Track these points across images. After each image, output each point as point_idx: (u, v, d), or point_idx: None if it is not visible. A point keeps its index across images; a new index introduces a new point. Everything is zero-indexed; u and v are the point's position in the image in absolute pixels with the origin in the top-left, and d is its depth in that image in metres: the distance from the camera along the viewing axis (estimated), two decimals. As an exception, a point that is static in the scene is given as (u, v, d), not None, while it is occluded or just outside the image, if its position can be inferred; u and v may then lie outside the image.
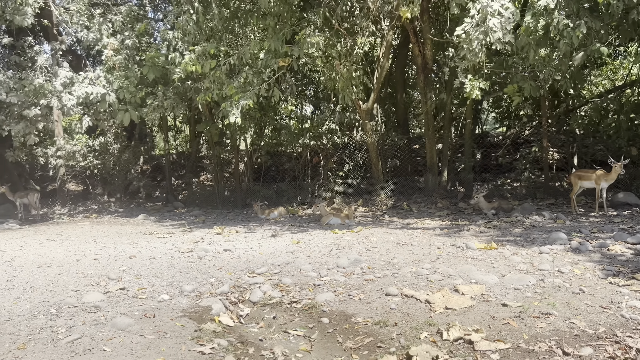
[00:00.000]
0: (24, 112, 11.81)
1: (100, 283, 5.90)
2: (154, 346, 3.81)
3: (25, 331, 4.25)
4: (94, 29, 12.27)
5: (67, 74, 11.92)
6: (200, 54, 9.54)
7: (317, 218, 12.08)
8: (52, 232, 10.92)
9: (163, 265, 6.88)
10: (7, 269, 6.80)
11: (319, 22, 9.73)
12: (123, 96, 11.99)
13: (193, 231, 10.34)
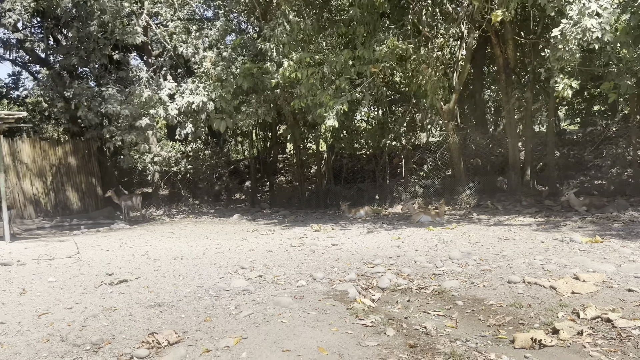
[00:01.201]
0: (136, 123, 13.07)
1: (237, 272, 6.65)
2: (322, 319, 4.43)
3: (200, 309, 5.00)
4: (191, 44, 13.37)
5: (171, 85, 13.08)
6: (297, 62, 10.26)
7: (403, 216, 12.53)
8: (163, 230, 12.00)
9: (282, 257, 7.58)
10: (147, 261, 7.73)
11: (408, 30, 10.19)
12: (220, 105, 12.97)
13: (290, 229, 11.07)
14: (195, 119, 13.47)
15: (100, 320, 4.74)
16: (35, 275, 6.90)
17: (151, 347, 3.86)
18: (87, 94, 13.33)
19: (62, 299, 5.57)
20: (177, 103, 12.80)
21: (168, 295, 5.53)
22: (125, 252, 8.60)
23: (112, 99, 13.00)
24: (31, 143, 16.41)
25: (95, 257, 8.16)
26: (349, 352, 3.68)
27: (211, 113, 13.18)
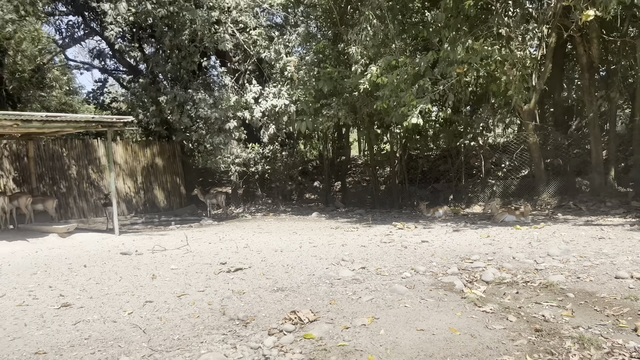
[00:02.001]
0: (225, 125, 13.93)
1: (340, 263, 7.10)
2: (442, 306, 4.77)
3: (320, 293, 5.47)
4: (272, 49, 14.07)
5: (256, 89, 13.83)
6: (384, 66, 10.63)
7: (483, 216, 12.59)
8: (251, 226, 12.71)
9: (376, 252, 7.96)
10: (251, 253, 8.34)
11: (494, 31, 10.31)
12: (301, 107, 13.56)
13: (372, 227, 11.44)
14: (277, 121, 14.13)
15: (235, 301, 5.31)
16: (156, 263, 7.66)
17: (295, 323, 4.35)
18: (179, 99, 14.32)
19: (192, 283, 6.22)
20: (261, 106, 13.51)
21: (285, 282, 6.05)
22: (227, 245, 9.28)
23: (202, 103, 13.93)
24: (124, 145, 17.77)
25: (202, 249, 8.88)
26: (479, 333, 4.00)
27: (292, 115, 13.80)
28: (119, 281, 6.48)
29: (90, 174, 16.65)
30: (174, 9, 13.05)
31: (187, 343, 4.12)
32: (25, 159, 15.00)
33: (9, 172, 14.79)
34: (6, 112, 9.11)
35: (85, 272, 7.11)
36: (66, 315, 5.02)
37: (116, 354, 3.93)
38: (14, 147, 14.87)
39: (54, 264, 7.85)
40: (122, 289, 6.02)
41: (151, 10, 13.03)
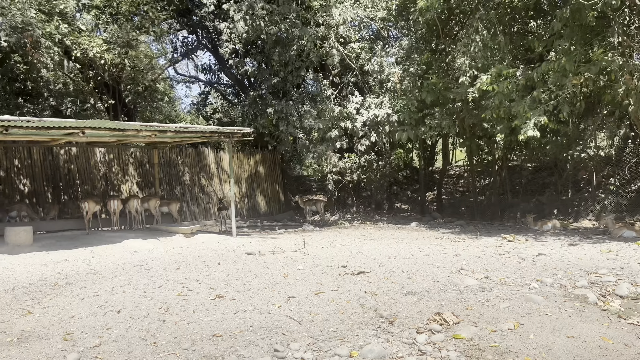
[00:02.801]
0: (327, 135, 14.57)
1: (460, 272, 7.25)
2: (584, 316, 4.83)
3: (451, 299, 5.68)
4: (375, 61, 14.50)
5: (357, 100, 14.32)
6: (495, 75, 10.63)
7: (596, 230, 12.09)
8: (353, 233, 13.11)
9: (493, 262, 8.00)
10: (365, 258, 8.69)
11: (615, 41, 9.97)
12: (402, 117, 13.82)
13: (479, 238, 11.38)
14: (378, 131, 14.50)
15: (370, 301, 5.67)
16: (281, 263, 8.25)
17: (441, 324, 4.62)
18: (285, 111, 15.15)
19: (322, 282, 6.69)
20: (363, 116, 13.94)
21: (412, 287, 6.33)
22: (339, 250, 9.72)
23: (307, 115, 14.64)
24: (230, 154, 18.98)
25: (317, 253, 9.39)
26: (632, 343, 4.04)
27: (393, 125, 14.09)
28: (255, 278, 7.09)
29: (201, 180, 17.96)
30: (285, 26, 13.86)
31: (343, 335, 4.54)
32: (147, 165, 16.56)
33: (134, 177, 16.39)
34: (147, 124, 10.25)
35: (221, 269, 7.83)
36: (223, 305, 5.64)
37: (283, 340, 4.43)
38: (137, 155, 16.46)
39: (191, 260, 8.70)
40: (261, 285, 6.61)
41: (264, 28, 13.95)
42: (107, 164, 15.86)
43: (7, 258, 8.84)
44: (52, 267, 8.27)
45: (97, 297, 6.17)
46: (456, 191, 22.70)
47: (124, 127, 9.94)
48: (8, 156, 13.72)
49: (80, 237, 11.22)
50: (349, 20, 13.65)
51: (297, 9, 13.87)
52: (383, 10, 15.34)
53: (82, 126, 9.31)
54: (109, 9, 13.66)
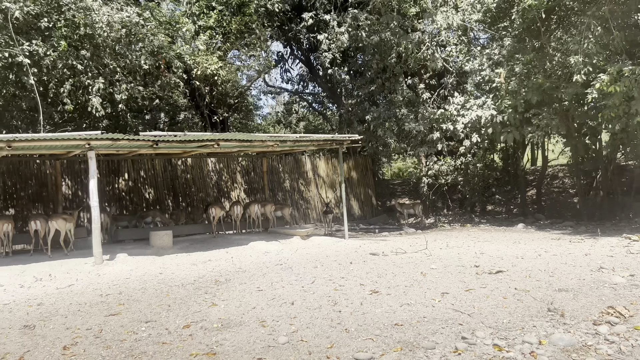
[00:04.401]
0: (427, 137, 14.84)
1: (601, 270, 7.28)
2: None
3: (608, 295, 5.79)
4: (476, 62, 14.57)
5: (459, 101, 14.45)
6: (615, 73, 10.43)
7: None
8: (461, 235, 13.21)
9: (629, 261, 7.92)
10: (492, 258, 8.86)
11: None
12: (507, 118, 13.77)
13: (600, 238, 11.12)
14: (480, 132, 14.51)
15: (525, 296, 5.91)
16: (411, 263, 8.61)
17: (617, 316, 4.79)
18: (383, 116, 15.57)
19: (465, 280, 6.99)
20: (465, 118, 14.04)
21: (560, 284, 6.48)
22: (460, 251, 9.94)
23: (407, 118, 14.99)
24: (325, 160, 19.66)
25: (439, 253, 9.66)
26: None
27: (497, 126, 14.06)
28: (394, 276, 7.51)
29: (300, 186, 18.76)
30: (386, 35, 14.30)
31: (519, 325, 4.83)
32: (252, 173, 17.58)
33: (241, 184, 17.46)
34: (271, 135, 11.06)
35: (357, 268, 8.33)
36: (384, 299, 6.10)
37: (464, 329, 4.79)
38: (243, 163, 17.52)
39: (322, 260, 9.28)
40: (405, 282, 7.02)
41: (364, 38, 14.47)
42: (218, 172, 17.03)
43: (157, 259, 9.86)
44: (201, 266, 9.15)
45: (262, 291, 6.86)
46: (551, 192, 22.02)
47: (251, 138, 10.78)
48: (135, 168, 15.15)
49: (208, 240, 12.21)
50: (454, 25, 13.83)
51: (398, 17, 14.26)
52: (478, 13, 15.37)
53: (217, 139, 10.22)
54: (220, 29, 14.75)
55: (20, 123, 12.18)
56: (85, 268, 8.97)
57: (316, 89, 24.48)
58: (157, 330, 5.33)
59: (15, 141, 8.33)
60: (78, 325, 5.67)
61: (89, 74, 10.98)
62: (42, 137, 8.67)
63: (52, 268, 8.91)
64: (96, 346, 4.92)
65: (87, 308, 6.43)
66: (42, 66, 10.67)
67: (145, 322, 5.66)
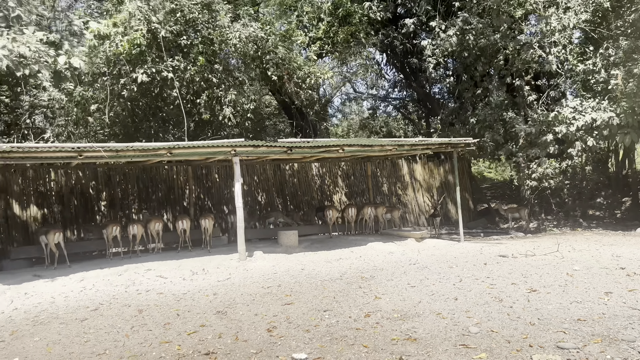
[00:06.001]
0: (538, 140, 14.68)
1: None
2: None
3: None
4: (590, 63, 14.22)
5: (573, 104, 14.16)
6: None
7: None
8: (580, 239, 12.88)
9: None
10: (633, 261, 8.70)
11: None
12: (624, 120, 13.33)
13: None
14: (593, 135, 14.12)
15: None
16: (550, 265, 8.64)
17: None
18: (489, 120, 15.53)
19: (619, 281, 6.98)
20: (579, 120, 13.73)
21: None
22: (592, 254, 9.79)
23: (515, 121, 14.89)
24: (422, 164, 19.81)
25: (572, 256, 9.58)
26: None
27: (614, 128, 13.63)
28: (540, 276, 7.63)
29: (397, 189, 19.04)
30: (495, 38, 14.32)
31: None
32: (352, 177, 18.10)
33: (342, 188, 18.02)
34: (390, 139, 11.45)
35: (493, 268, 8.50)
36: (546, 297, 6.27)
37: (654, 325, 4.90)
38: (344, 168, 18.08)
39: (452, 261, 9.52)
40: (555, 282, 7.13)
41: (472, 42, 14.57)
42: (321, 177, 17.70)
43: (290, 256, 10.53)
44: (336, 264, 9.69)
45: (415, 287, 7.24)
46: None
47: (372, 143, 11.26)
48: (249, 173, 16.11)
49: (326, 240, 12.79)
50: (570, 27, 13.61)
51: (509, 19, 14.24)
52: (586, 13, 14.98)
53: (341, 144, 10.78)
54: (327, 39, 15.41)
55: (155, 132, 13.39)
56: (231, 264, 9.79)
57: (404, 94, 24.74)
58: (340, 318, 5.84)
59: (175, 148, 9.30)
60: (262, 312, 6.32)
61: (222, 86, 11.90)
62: (195, 145, 9.62)
63: (203, 263, 9.81)
64: (294, 329, 5.50)
65: (259, 298, 7.11)
66: (182, 80, 11.72)
67: (323, 310, 6.20)
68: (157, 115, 13.06)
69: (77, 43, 9.73)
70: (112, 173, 13.82)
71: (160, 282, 8.62)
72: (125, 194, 14.07)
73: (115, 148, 8.86)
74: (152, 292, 7.93)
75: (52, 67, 8.93)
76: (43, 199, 12.99)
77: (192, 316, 6.31)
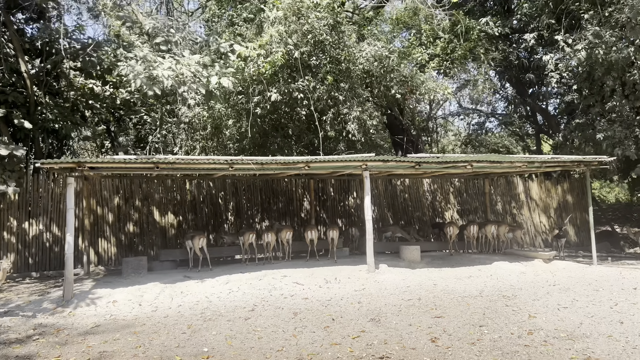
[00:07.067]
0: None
1: None
2: None
3: None
4: None
5: None
6: None
7: None
8: None
9: None
10: None
11: None
12: None
13: None
14: None
15: None
16: None
17: None
18: (619, 135, 14.61)
19: None
20: None
21: None
22: None
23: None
24: (538, 182, 18.98)
25: None
26: None
27: None
28: None
29: (512, 208, 18.38)
30: (628, 51, 13.52)
31: None
32: (465, 194, 17.78)
33: (454, 205, 17.77)
34: (520, 156, 11.18)
35: (648, 294, 7.99)
36: None
37: None
38: (457, 184, 17.82)
39: (595, 284, 9.07)
40: None
41: (601, 55, 13.86)
42: (432, 193, 17.59)
43: (416, 271, 10.55)
44: (467, 281, 9.61)
45: (568, 308, 7.02)
46: None
47: (501, 159, 11.06)
48: (361, 187, 16.42)
49: (446, 257, 12.66)
50: None
51: (646, 31, 13.41)
52: None
53: (469, 160, 10.72)
54: (445, 55, 15.43)
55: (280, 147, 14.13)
56: (361, 275, 10.04)
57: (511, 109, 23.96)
58: (500, 334, 5.84)
59: (312, 162, 9.81)
60: (415, 323, 6.46)
61: (347, 104, 12.35)
62: (330, 159, 10.07)
63: (333, 273, 10.15)
64: (458, 341, 5.59)
65: (405, 310, 7.27)
66: (310, 99, 12.32)
67: (479, 326, 6.22)
68: (280, 131, 13.80)
69: (224, 64, 10.62)
70: (238, 184, 14.78)
71: (298, 288, 9.07)
72: (250, 204, 14.96)
73: (261, 161, 9.54)
74: (297, 297, 8.38)
75: (206, 86, 9.83)
76: (179, 207, 14.18)
77: (346, 322, 6.61)
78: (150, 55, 9.27)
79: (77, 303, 8.15)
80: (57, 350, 5.68)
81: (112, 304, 8.15)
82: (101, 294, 8.66)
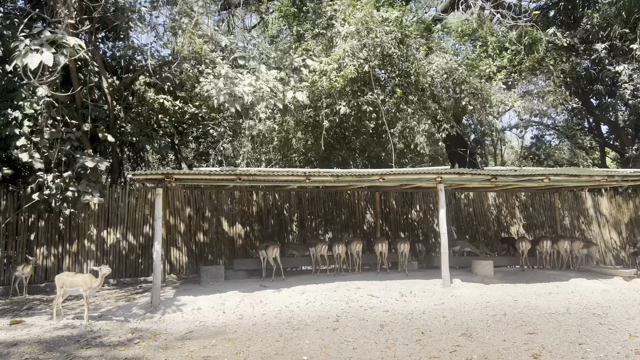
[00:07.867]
0: None
1: None
2: None
3: None
4: None
5: None
6: None
7: None
8: None
9: None
10: None
11: None
12: None
13: None
14: None
15: None
16: None
17: None
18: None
19: None
20: None
21: None
22: None
23: None
24: (608, 197, 18.21)
25: None
26: None
27: None
28: None
29: (580, 224, 17.70)
30: None
31: None
32: (531, 208, 17.31)
33: (520, 219, 17.31)
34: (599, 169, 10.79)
35: None
36: None
37: None
38: (523, 198, 17.37)
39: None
40: None
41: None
42: (497, 207, 17.21)
43: (491, 287, 10.31)
44: (547, 297, 9.33)
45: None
46: None
47: (580, 173, 10.72)
48: (425, 200, 16.31)
49: (519, 273, 12.31)
50: None
51: None
52: None
53: (547, 173, 10.46)
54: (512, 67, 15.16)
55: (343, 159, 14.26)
56: (436, 289, 9.93)
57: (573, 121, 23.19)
58: (604, 352, 5.65)
59: (387, 174, 9.85)
60: (509, 339, 6.34)
61: (416, 116, 12.34)
62: (404, 172, 10.09)
63: (407, 286, 10.09)
64: (561, 358, 5.44)
65: (494, 325, 7.13)
66: (380, 112, 12.39)
67: (578, 343, 6.04)
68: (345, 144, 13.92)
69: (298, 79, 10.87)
70: (302, 196, 14.97)
71: (375, 300, 9.07)
72: (313, 216, 15.11)
73: (337, 173, 9.66)
74: (377, 309, 8.39)
75: (282, 101, 10.08)
76: (246, 218, 14.50)
77: (437, 335, 6.56)
78: (230, 72, 9.61)
79: (164, 309, 8.46)
80: (162, 354, 5.92)
81: (197, 311, 8.42)
82: (185, 301, 8.96)
